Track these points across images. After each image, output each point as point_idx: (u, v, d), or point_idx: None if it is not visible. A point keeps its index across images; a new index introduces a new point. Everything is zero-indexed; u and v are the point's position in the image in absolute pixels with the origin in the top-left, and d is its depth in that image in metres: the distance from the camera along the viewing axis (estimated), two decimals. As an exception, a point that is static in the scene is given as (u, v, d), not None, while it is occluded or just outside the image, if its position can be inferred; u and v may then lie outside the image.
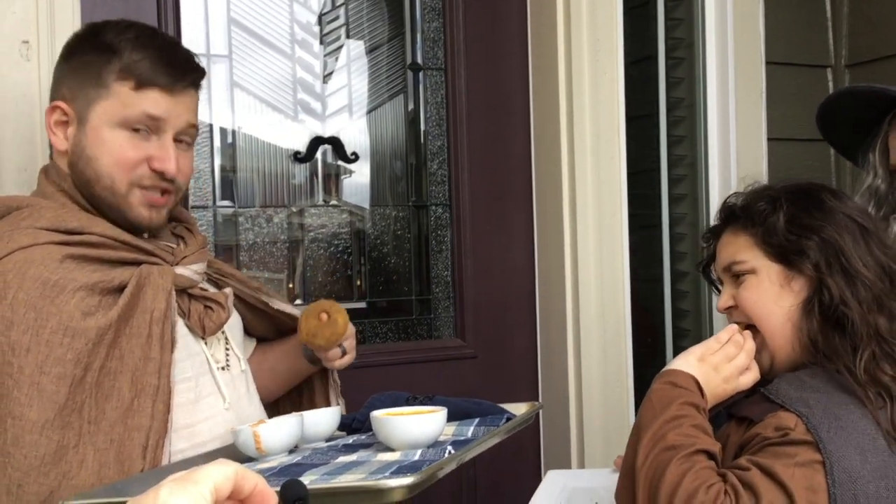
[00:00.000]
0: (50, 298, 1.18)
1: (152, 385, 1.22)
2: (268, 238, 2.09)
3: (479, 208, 2.23)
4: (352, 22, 2.18)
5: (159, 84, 1.29)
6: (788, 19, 2.40)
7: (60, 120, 1.31)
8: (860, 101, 1.57)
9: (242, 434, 1.21)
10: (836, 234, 1.25)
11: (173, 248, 1.36)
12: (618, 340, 2.18)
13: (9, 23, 1.61)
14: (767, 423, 1.17)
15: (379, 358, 2.12)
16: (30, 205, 1.29)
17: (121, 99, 1.28)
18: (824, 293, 1.23)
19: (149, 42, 1.31)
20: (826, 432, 1.12)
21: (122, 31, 1.31)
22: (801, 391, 1.19)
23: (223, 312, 1.36)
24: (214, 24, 2.02)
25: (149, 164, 1.30)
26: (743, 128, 2.34)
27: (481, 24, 2.23)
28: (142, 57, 1.28)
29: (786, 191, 1.32)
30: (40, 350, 1.15)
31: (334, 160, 2.16)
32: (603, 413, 2.17)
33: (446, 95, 2.22)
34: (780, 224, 1.27)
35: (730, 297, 1.34)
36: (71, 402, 1.16)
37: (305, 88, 2.13)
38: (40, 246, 1.22)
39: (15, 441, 1.12)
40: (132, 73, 1.28)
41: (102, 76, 1.28)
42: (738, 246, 1.32)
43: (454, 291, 2.23)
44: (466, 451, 1.13)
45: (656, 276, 2.40)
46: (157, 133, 1.31)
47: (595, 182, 2.15)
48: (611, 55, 2.16)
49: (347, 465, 1.10)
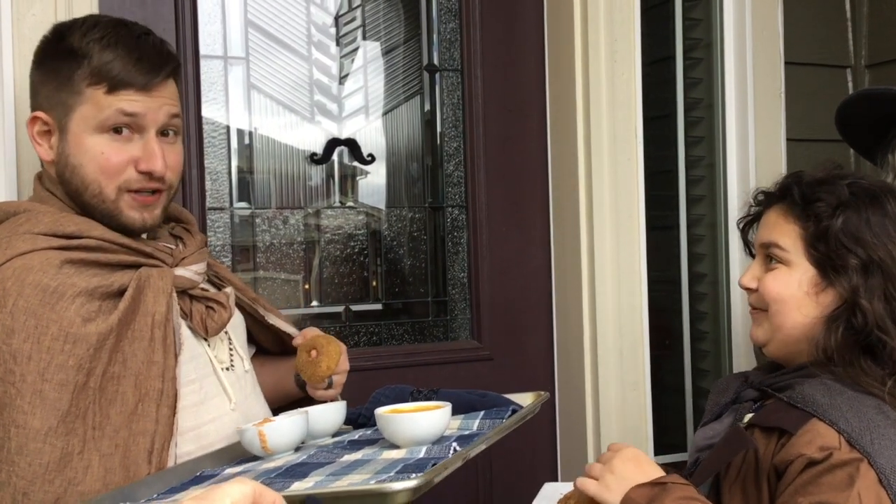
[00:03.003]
0: (50, 305, 1.17)
1: (156, 389, 1.21)
2: (284, 239, 2.10)
3: (496, 210, 2.22)
4: (368, 23, 2.18)
5: (134, 84, 1.26)
6: (807, 19, 2.38)
7: (42, 130, 1.30)
8: (878, 102, 1.55)
9: (248, 433, 1.21)
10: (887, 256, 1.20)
11: (172, 249, 1.35)
12: (635, 343, 2.17)
13: (28, 25, 1.61)
14: (809, 442, 1.13)
15: (394, 360, 2.12)
16: (27, 210, 1.28)
17: (96, 104, 1.25)
18: (857, 315, 1.19)
19: (116, 40, 1.26)
20: (870, 444, 1.09)
21: (87, 31, 1.27)
22: (830, 396, 1.16)
23: (225, 312, 1.35)
24: (231, 26, 2.03)
25: (135, 166, 1.28)
26: (762, 128, 2.32)
27: (498, 25, 2.22)
28: (111, 58, 1.25)
29: (851, 188, 1.25)
30: (42, 357, 1.15)
31: (350, 161, 2.16)
32: (620, 415, 2.16)
33: (462, 96, 2.22)
34: (832, 230, 1.22)
35: (755, 278, 1.30)
36: (74, 408, 1.15)
37: (322, 90, 2.13)
38: (39, 252, 1.21)
39: (19, 449, 1.12)
40: (103, 76, 1.25)
41: (74, 82, 1.26)
42: (783, 231, 1.28)
43: (470, 293, 2.22)
44: (472, 448, 1.12)
45: (674, 278, 2.38)
46: (139, 132, 1.28)
47: (612, 183, 2.14)
48: (628, 56, 2.15)
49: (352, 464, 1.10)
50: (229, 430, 1.31)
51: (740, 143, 2.33)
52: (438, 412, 1.17)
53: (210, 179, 2.00)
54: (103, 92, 1.25)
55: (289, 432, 1.22)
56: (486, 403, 1.35)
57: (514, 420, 1.27)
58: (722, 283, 2.36)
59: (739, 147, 2.34)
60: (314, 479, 1.03)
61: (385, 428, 1.18)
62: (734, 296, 2.31)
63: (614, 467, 1.18)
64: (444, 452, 1.09)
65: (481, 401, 1.36)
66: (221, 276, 1.49)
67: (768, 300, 1.28)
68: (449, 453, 1.09)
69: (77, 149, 1.27)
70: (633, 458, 1.19)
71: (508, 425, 1.24)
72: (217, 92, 2.01)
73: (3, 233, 1.25)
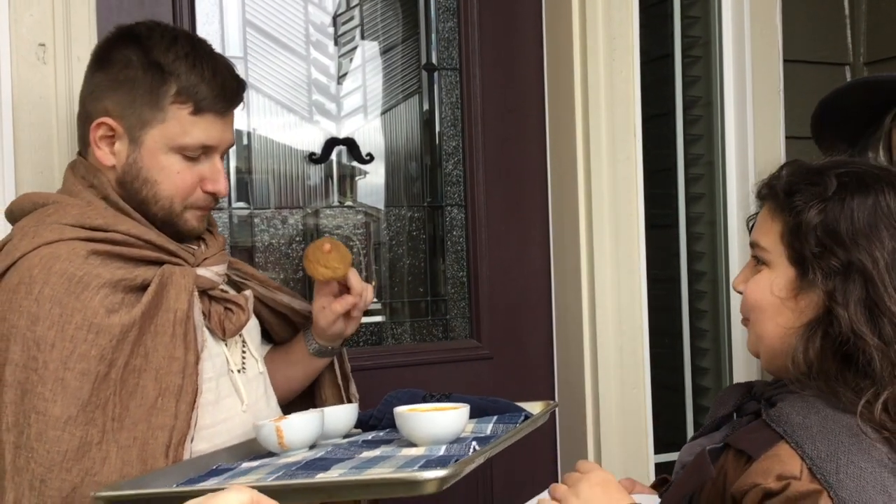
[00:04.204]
0: (75, 294, 1.18)
1: (176, 384, 1.22)
2: (283, 239, 2.10)
3: (495, 209, 2.22)
4: (366, 23, 2.18)
5: (216, 110, 1.30)
6: (806, 16, 2.38)
7: (106, 135, 1.31)
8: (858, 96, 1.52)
9: (265, 429, 1.21)
10: (868, 258, 1.06)
11: (195, 249, 1.37)
12: (634, 341, 2.17)
13: (26, 25, 1.61)
14: (766, 470, 1.02)
15: (394, 359, 2.12)
16: (56, 202, 1.30)
17: (179, 124, 1.28)
18: (833, 323, 1.06)
19: (202, 62, 1.30)
20: (834, 474, 0.97)
21: (169, 46, 1.29)
22: (805, 415, 1.04)
23: (243, 315, 1.36)
24: (229, 25, 2.03)
25: (201, 186, 1.32)
26: (760, 126, 2.32)
27: (496, 24, 2.22)
28: (199, 80, 1.28)
29: (840, 178, 1.11)
30: (65, 346, 1.16)
31: (349, 161, 2.16)
32: (619, 414, 2.16)
33: (461, 96, 2.21)
34: (808, 225, 1.09)
35: (744, 280, 1.20)
36: (94, 398, 1.16)
37: (320, 89, 2.13)
38: (65, 242, 1.22)
39: (39, 436, 1.13)
40: (191, 97, 1.28)
41: (158, 99, 1.27)
42: (766, 229, 1.16)
43: (469, 292, 2.22)
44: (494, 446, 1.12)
45: (673, 277, 2.38)
46: (206, 154, 1.32)
47: (611, 182, 2.14)
48: (626, 54, 2.15)
49: (373, 459, 1.10)
50: (240, 431, 1.32)
51: (739, 140, 2.33)
52: (458, 412, 1.17)
53: (209, 179, 2.00)
54: (188, 112, 1.28)
55: (306, 428, 1.22)
56: (498, 409, 1.36)
57: (527, 425, 1.27)
58: (721, 281, 2.36)
59: (738, 145, 2.34)
60: (338, 472, 1.03)
61: (404, 426, 1.18)
62: (734, 294, 2.29)
63: (580, 491, 1.10)
64: (464, 451, 1.09)
65: (494, 406, 1.37)
66: (243, 273, 1.51)
67: (748, 307, 1.18)
68: (469, 451, 1.08)
69: (153, 165, 1.29)
70: (602, 484, 1.11)
71: (522, 429, 1.25)
72: (215, 92, 2.01)
73: (31, 222, 1.26)
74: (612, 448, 2.15)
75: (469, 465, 1.02)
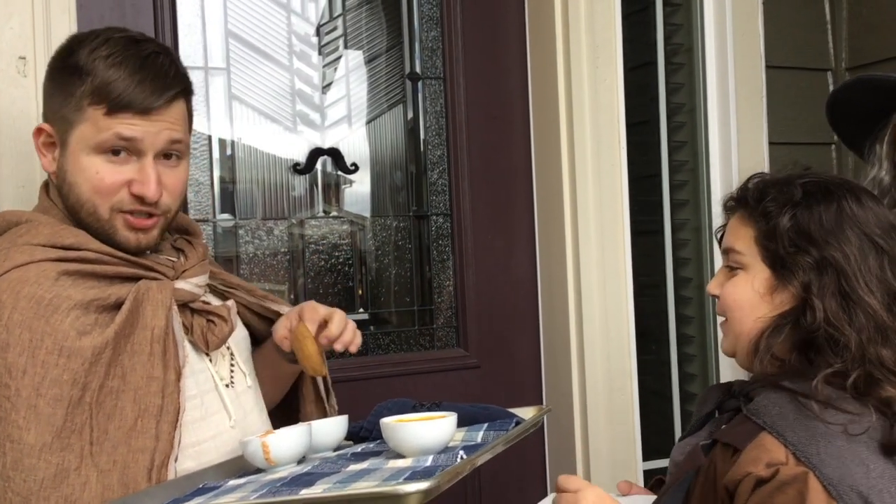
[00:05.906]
0: (45, 318, 1.16)
1: (156, 405, 1.19)
2: (268, 250, 2.09)
3: (481, 217, 2.22)
4: (350, 32, 2.17)
5: (133, 107, 1.23)
6: (788, 23, 2.39)
7: (48, 141, 1.29)
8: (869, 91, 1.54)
9: (251, 445, 1.20)
10: (839, 254, 1.16)
11: (174, 261, 1.34)
12: (621, 347, 2.17)
13: (6, 39, 1.60)
14: (755, 459, 1.09)
15: (381, 369, 2.11)
16: (29, 220, 1.28)
17: (94, 124, 1.23)
18: (807, 313, 1.16)
19: (122, 59, 1.24)
20: (816, 455, 1.06)
21: (96, 47, 1.25)
22: (780, 405, 1.12)
23: (226, 326, 1.33)
24: (212, 36, 2.02)
25: (129, 188, 1.25)
26: (744, 132, 2.33)
27: (480, 33, 2.22)
28: (114, 78, 1.22)
29: (805, 187, 1.22)
30: (36, 372, 1.13)
31: (334, 171, 2.15)
32: (607, 420, 2.16)
33: (445, 104, 2.21)
34: (781, 228, 1.19)
35: (719, 284, 1.28)
36: (69, 423, 1.14)
37: (304, 99, 2.12)
38: (35, 263, 1.20)
39: (14, 465, 1.11)
40: (104, 96, 1.22)
41: (76, 99, 1.24)
42: (739, 235, 1.25)
43: (456, 301, 2.22)
44: (480, 455, 1.11)
45: (659, 283, 2.39)
46: (137, 154, 1.25)
47: (596, 189, 2.14)
48: (610, 62, 2.16)
49: (359, 472, 1.09)
50: (229, 448, 1.29)
51: (723, 147, 2.35)
52: (445, 421, 1.16)
53: (192, 191, 1.99)
54: (102, 113, 1.23)
55: (293, 443, 1.21)
56: (489, 416, 1.35)
57: (519, 431, 1.26)
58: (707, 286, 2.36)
59: (722, 151, 2.35)
60: (322, 487, 1.02)
61: (391, 437, 1.17)
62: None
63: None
64: (452, 461, 1.08)
65: (484, 413, 1.36)
66: (228, 283, 1.47)
67: (726, 307, 1.26)
68: (456, 461, 1.08)
69: (74, 166, 1.25)
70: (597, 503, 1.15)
71: (513, 436, 1.24)
72: (198, 103, 2.00)
73: (4, 244, 1.24)
74: (600, 455, 2.15)
75: (457, 476, 1.01)
